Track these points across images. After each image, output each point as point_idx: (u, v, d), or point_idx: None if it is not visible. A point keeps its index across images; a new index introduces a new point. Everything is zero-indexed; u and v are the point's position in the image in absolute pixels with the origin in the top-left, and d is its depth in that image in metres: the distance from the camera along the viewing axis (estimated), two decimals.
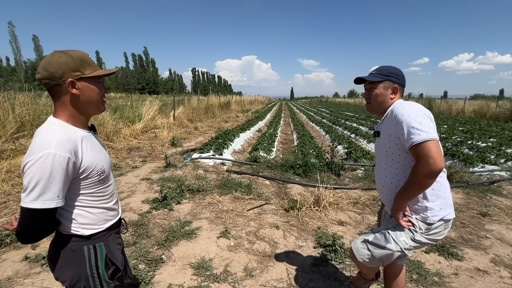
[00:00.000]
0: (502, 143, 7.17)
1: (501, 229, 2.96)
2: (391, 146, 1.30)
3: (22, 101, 5.91)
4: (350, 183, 4.46)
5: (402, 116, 1.20)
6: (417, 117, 1.17)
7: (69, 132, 0.94)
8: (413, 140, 1.15)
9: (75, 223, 0.98)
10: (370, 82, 1.38)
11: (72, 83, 0.95)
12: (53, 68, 0.92)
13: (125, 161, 5.55)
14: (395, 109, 1.27)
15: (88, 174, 0.97)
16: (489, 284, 2.09)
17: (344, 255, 2.39)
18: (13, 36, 49.91)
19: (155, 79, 66.59)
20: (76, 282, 1.01)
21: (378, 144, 1.43)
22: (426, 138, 1.13)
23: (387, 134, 1.32)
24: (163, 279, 2.11)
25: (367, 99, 1.41)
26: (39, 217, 0.87)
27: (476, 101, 21.29)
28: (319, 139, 8.72)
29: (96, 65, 1.02)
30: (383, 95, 1.35)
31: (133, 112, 8.98)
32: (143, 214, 3.17)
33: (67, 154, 0.88)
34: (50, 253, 1.04)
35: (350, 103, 47.37)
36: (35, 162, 0.84)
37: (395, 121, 1.23)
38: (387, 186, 1.39)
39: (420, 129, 1.14)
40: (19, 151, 5.11)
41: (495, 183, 4.40)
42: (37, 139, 0.90)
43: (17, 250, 2.40)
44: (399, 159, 1.30)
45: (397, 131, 1.22)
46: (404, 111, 1.21)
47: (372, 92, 1.37)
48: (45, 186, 0.85)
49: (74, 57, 0.94)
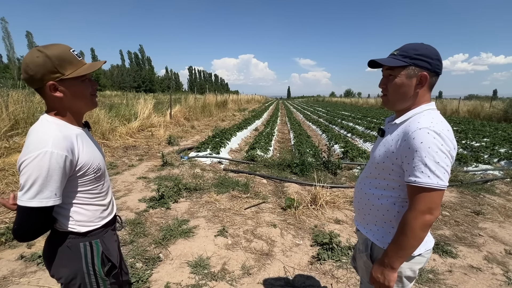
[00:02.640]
0: (496, 142, 7.29)
1: (494, 227, 3.02)
2: (385, 162, 1.03)
3: (15, 99, 5.82)
4: (346, 182, 4.50)
5: (421, 144, 0.89)
6: (438, 153, 0.88)
7: (65, 130, 0.93)
8: (418, 180, 0.90)
9: (72, 220, 0.98)
10: (389, 68, 1.01)
11: (53, 86, 0.90)
12: (32, 71, 0.87)
13: (122, 160, 5.51)
14: (412, 125, 0.95)
15: (84, 171, 0.96)
16: (482, 281, 2.13)
17: (340, 253, 2.42)
18: (6, 32, 49.12)
19: (151, 77, 66.13)
20: (72, 279, 1.01)
21: (378, 145, 1.12)
22: (435, 186, 0.88)
23: (388, 147, 1.02)
24: (160, 277, 2.10)
25: (384, 90, 1.06)
26: (36, 215, 0.86)
27: (470, 101, 21.61)
28: (315, 138, 8.76)
29: (79, 61, 0.94)
30: (405, 86, 0.99)
31: (129, 110, 8.91)
32: (140, 213, 3.15)
33: (64, 152, 0.87)
34: (45, 251, 1.03)
35: (346, 102, 47.67)
36: (32, 161, 0.83)
37: (408, 142, 0.93)
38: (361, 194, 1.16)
39: (433, 171, 0.88)
40: (13, 149, 5.04)
41: (488, 182, 4.48)
42: (32, 137, 0.88)
43: (12, 249, 2.38)
44: (385, 176, 1.05)
45: (405, 156, 0.94)
46: (427, 138, 0.89)
47: (391, 81, 1.01)
48: (43, 185, 0.84)
49: (51, 57, 0.87)
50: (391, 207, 1.05)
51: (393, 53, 1.02)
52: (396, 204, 1.04)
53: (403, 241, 0.94)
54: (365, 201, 1.14)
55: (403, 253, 0.96)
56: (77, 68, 0.93)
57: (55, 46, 0.91)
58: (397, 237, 0.97)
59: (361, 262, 1.19)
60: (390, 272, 0.98)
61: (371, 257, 1.11)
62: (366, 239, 1.15)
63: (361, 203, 1.17)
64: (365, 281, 1.19)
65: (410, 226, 0.92)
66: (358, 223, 1.22)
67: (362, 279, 1.23)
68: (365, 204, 1.14)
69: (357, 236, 1.27)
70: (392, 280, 0.99)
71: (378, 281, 1.01)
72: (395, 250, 0.96)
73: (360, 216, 1.20)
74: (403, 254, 0.96)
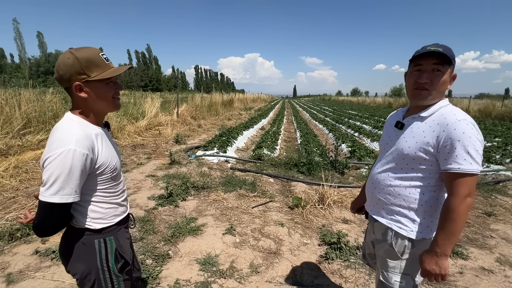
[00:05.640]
0: (508, 142, 7.12)
1: (506, 229, 2.96)
2: (416, 152, 1.08)
3: (27, 98, 5.97)
4: (354, 181, 4.46)
5: (464, 134, 0.98)
6: (477, 142, 0.98)
7: (87, 129, 0.97)
8: (462, 167, 0.97)
9: (88, 218, 1.01)
10: (438, 63, 1.03)
11: (79, 86, 0.95)
12: (62, 71, 0.94)
13: (130, 158, 5.60)
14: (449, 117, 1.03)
15: (102, 170, 0.99)
16: (494, 283, 2.10)
17: (349, 253, 2.41)
18: (17, 33, 50.28)
19: (158, 77, 66.68)
20: (87, 275, 1.04)
21: (395, 138, 1.18)
22: (475, 171, 0.97)
23: (420, 138, 1.08)
24: (170, 274, 2.14)
25: (425, 84, 1.06)
26: (56, 211, 0.90)
27: (482, 100, 21.10)
28: (322, 138, 8.71)
29: (106, 64, 0.99)
30: (446, 83, 1.06)
31: (137, 109, 9.03)
32: (149, 211, 3.20)
33: (85, 150, 0.91)
34: (62, 247, 1.07)
35: (353, 101, 47.14)
36: (56, 158, 0.87)
37: (448, 133, 1.00)
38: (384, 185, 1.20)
39: (474, 158, 0.97)
40: (26, 147, 5.18)
41: (500, 183, 4.38)
42: (56, 134, 0.92)
43: (27, 244, 2.45)
44: (414, 166, 1.10)
45: (445, 146, 1.00)
46: (466, 128, 0.99)
47: (438, 76, 1.05)
48: (65, 182, 0.88)
49: (80, 59, 0.92)
50: (420, 196, 1.11)
51: (436, 49, 1.02)
52: (425, 194, 1.10)
53: (453, 227, 1.00)
54: (388, 192, 1.18)
55: (454, 238, 1.01)
56: (103, 71, 0.98)
57: (86, 49, 0.96)
58: (445, 225, 1.01)
59: (381, 251, 1.24)
60: (445, 260, 1.03)
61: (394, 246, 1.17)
62: (387, 229, 1.19)
63: (382, 194, 1.20)
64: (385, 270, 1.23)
65: (457, 212, 0.98)
66: (375, 213, 1.27)
67: (382, 269, 1.24)
68: (388, 195, 1.18)
69: (374, 227, 1.30)
70: (448, 267, 1.03)
71: (434, 272, 1.04)
72: (446, 238, 1.01)
73: (379, 206, 1.24)
74: (454, 240, 1.01)
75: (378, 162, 1.29)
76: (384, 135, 1.32)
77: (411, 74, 1.12)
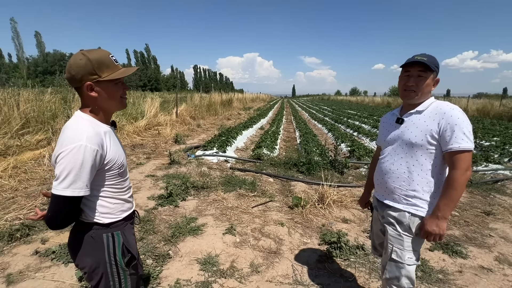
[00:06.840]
0: (506, 142, 7.16)
1: (505, 228, 2.97)
2: (423, 139, 1.29)
3: (26, 98, 5.94)
4: (353, 181, 4.48)
5: (458, 119, 1.22)
6: (469, 125, 1.23)
7: (96, 127, 1.01)
8: (462, 146, 1.20)
9: (96, 212, 1.05)
10: (423, 70, 1.29)
11: (90, 86, 1.00)
12: (74, 71, 0.97)
13: (129, 158, 5.59)
14: (444, 107, 1.27)
15: (110, 166, 1.04)
16: (493, 282, 2.11)
17: (349, 252, 2.42)
18: (15, 32, 50.01)
19: (157, 76, 66.49)
20: (95, 269, 1.07)
21: (400, 132, 1.39)
22: (471, 148, 1.21)
23: (423, 127, 1.30)
24: (170, 274, 2.14)
25: (411, 87, 1.32)
26: (68, 204, 0.94)
27: (480, 99, 21.19)
28: (321, 137, 8.72)
29: (115, 66, 1.04)
30: (429, 86, 1.32)
31: (136, 109, 9.01)
32: (149, 210, 3.20)
33: (96, 146, 0.95)
34: (71, 241, 1.10)
35: (352, 101, 47.19)
36: (68, 153, 0.91)
37: (447, 119, 1.24)
38: (398, 174, 1.37)
39: (469, 138, 1.21)
40: (25, 148, 5.16)
41: (499, 182, 4.41)
42: (68, 131, 0.96)
43: (27, 245, 2.44)
44: (422, 153, 1.31)
45: (445, 130, 1.23)
46: (460, 114, 1.24)
47: (422, 80, 1.30)
48: (76, 176, 0.92)
49: (92, 60, 0.97)
50: (430, 179, 1.32)
51: (422, 58, 1.28)
52: (434, 176, 1.31)
53: (454, 195, 1.23)
54: (403, 179, 1.36)
55: (453, 204, 1.25)
56: (113, 72, 1.03)
57: (97, 51, 1.01)
58: (447, 192, 1.24)
59: (394, 233, 1.40)
60: (444, 222, 1.26)
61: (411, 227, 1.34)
62: (401, 214, 1.36)
63: (398, 182, 1.38)
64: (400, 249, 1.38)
65: (458, 182, 1.21)
66: (390, 200, 1.43)
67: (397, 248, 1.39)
68: (403, 182, 1.36)
69: (385, 214, 1.45)
70: (445, 229, 1.27)
71: (434, 232, 1.26)
72: (447, 203, 1.24)
73: (394, 193, 1.40)
74: (453, 206, 1.25)
75: (386, 155, 1.45)
76: (383, 132, 1.52)
77: (401, 78, 1.38)
